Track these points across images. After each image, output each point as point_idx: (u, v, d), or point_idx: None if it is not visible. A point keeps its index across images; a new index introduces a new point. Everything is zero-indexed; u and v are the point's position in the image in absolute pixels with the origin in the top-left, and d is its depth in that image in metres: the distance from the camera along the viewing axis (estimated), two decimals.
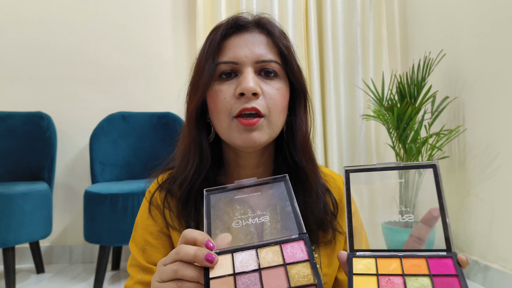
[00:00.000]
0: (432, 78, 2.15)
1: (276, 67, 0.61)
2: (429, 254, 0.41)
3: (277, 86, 0.61)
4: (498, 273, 1.71)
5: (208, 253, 0.41)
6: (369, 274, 0.41)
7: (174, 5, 2.48)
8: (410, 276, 0.40)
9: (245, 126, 0.58)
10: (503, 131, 1.71)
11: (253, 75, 0.59)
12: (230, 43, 0.61)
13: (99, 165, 2.15)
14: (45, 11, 2.39)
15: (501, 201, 1.73)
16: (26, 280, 2.02)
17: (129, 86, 2.44)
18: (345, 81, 2.47)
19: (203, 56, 0.62)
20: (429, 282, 0.39)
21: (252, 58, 0.60)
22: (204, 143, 0.63)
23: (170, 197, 0.66)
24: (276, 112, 0.60)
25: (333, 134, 2.40)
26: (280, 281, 0.39)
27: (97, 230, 1.80)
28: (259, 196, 0.50)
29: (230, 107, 0.59)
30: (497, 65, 1.73)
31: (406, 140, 1.97)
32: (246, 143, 0.58)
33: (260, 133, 0.59)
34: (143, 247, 0.64)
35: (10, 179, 2.12)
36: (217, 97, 0.60)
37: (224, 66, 0.60)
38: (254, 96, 0.58)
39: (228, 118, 0.59)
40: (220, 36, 0.61)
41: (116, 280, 2.02)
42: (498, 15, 1.72)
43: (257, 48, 0.60)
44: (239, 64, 0.60)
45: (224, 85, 0.60)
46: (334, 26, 2.45)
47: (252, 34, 0.62)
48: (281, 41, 0.63)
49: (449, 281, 0.39)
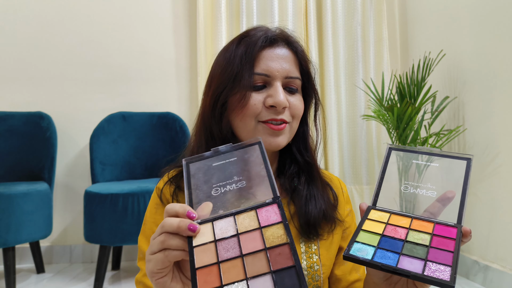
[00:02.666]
0: (432, 78, 2.15)
1: (298, 83, 0.68)
2: (439, 221, 0.48)
3: (299, 99, 0.68)
4: (498, 273, 1.71)
5: (190, 223, 0.45)
6: (380, 222, 0.47)
7: (174, 5, 2.48)
8: (414, 231, 0.46)
9: (273, 131, 0.64)
10: (503, 131, 1.71)
11: (282, 90, 0.64)
12: (263, 55, 0.66)
13: (99, 165, 2.15)
14: (45, 11, 2.39)
15: (501, 201, 1.73)
16: (26, 280, 2.02)
17: (129, 86, 2.44)
18: (345, 81, 2.47)
19: (239, 63, 0.65)
20: (428, 238, 0.45)
21: (282, 73, 0.65)
22: (217, 139, 0.67)
23: (179, 191, 0.69)
24: (296, 121, 0.68)
25: (333, 134, 2.40)
26: (256, 243, 0.44)
27: (97, 230, 1.80)
28: (235, 162, 0.53)
29: (258, 113, 0.64)
30: (497, 65, 1.73)
31: (406, 140, 1.97)
32: (272, 145, 0.65)
33: (283, 137, 0.66)
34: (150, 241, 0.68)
35: (11, 179, 2.12)
36: (248, 102, 0.64)
37: (257, 78, 0.65)
38: (283, 110, 0.65)
39: (254, 121, 0.65)
40: (259, 48, 0.66)
41: (116, 280, 2.02)
42: (498, 15, 1.72)
43: (286, 64, 0.66)
44: (270, 77, 0.65)
45: (255, 93, 0.65)
46: (334, 26, 2.45)
47: (282, 50, 0.67)
48: (303, 59, 0.70)
49: (446, 242, 0.44)
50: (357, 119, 2.43)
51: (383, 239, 0.45)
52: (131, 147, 2.27)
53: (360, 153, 2.43)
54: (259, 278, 0.41)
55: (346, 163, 2.44)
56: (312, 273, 0.65)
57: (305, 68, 0.69)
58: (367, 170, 2.42)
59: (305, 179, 0.70)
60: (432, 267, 0.42)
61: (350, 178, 2.44)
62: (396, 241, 0.45)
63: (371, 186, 2.42)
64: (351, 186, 2.44)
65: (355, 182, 2.44)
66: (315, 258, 0.66)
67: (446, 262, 0.43)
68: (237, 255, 0.43)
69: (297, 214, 0.67)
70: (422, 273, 0.41)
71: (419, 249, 0.44)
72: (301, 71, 0.69)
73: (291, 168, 0.72)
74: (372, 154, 2.41)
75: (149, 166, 2.26)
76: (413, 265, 0.42)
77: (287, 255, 0.42)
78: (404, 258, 0.43)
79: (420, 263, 0.43)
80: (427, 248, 0.44)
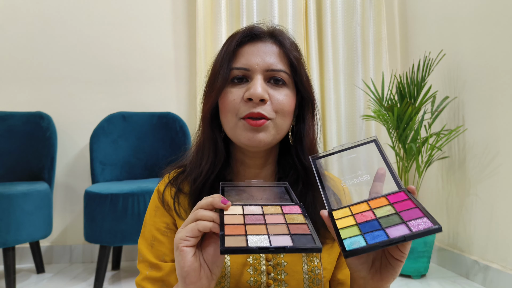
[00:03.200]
0: (432, 78, 2.15)
1: (285, 76, 0.66)
2: (386, 193, 0.54)
3: (284, 93, 0.65)
4: (498, 273, 1.71)
5: (223, 198, 0.51)
6: (346, 216, 0.52)
7: (174, 5, 2.49)
8: (377, 208, 0.52)
9: (252, 126, 0.62)
10: (503, 131, 1.71)
11: (261, 82, 0.63)
12: (244, 51, 0.66)
13: (99, 165, 2.15)
14: (45, 11, 2.39)
15: (501, 201, 1.73)
16: (26, 280, 2.02)
17: (129, 86, 2.44)
18: (345, 81, 2.47)
19: (219, 61, 0.67)
20: (391, 208, 0.51)
21: (263, 66, 0.64)
22: (219, 140, 0.68)
23: (180, 193, 0.69)
24: (282, 116, 0.65)
25: (333, 134, 2.40)
26: (278, 219, 0.52)
27: (97, 230, 1.80)
28: (262, 190, 0.61)
29: (238, 109, 0.63)
30: (497, 65, 1.74)
31: (406, 140, 1.97)
32: (251, 142, 0.63)
33: (265, 133, 0.63)
34: (151, 242, 0.67)
35: (10, 179, 2.12)
36: (227, 98, 0.64)
37: (237, 72, 0.65)
38: (261, 102, 0.62)
39: (235, 118, 0.64)
40: (235, 43, 0.66)
41: (116, 280, 2.02)
42: (498, 15, 1.72)
43: (268, 57, 0.65)
44: (250, 70, 0.64)
45: (235, 88, 0.65)
46: (334, 26, 2.45)
47: (265, 44, 0.67)
48: (292, 53, 0.67)
49: (405, 204, 0.51)
50: (356, 119, 2.43)
51: (361, 226, 0.50)
52: (131, 147, 2.27)
53: None
54: (279, 236, 0.48)
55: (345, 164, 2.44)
56: (313, 277, 0.65)
57: (293, 62, 0.67)
58: None
59: (304, 184, 0.68)
60: (414, 223, 0.47)
61: None
62: (371, 222, 0.50)
63: None
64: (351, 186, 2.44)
65: None
66: (316, 261, 0.66)
67: (419, 215, 0.48)
68: (261, 222, 0.51)
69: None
70: (412, 231, 0.45)
71: (393, 218, 0.49)
72: (291, 64, 0.67)
73: (290, 174, 0.70)
74: None
75: (149, 166, 2.26)
76: (400, 231, 0.46)
77: (305, 229, 0.50)
78: (389, 229, 0.47)
79: (403, 226, 0.47)
80: (397, 215, 0.49)
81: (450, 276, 1.97)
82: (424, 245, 1.91)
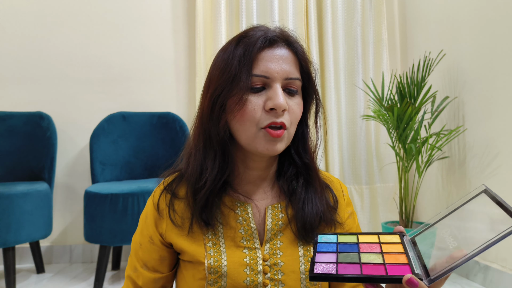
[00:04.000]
0: (432, 78, 2.15)
1: (298, 84, 0.67)
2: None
3: (297, 102, 0.66)
4: (498, 273, 1.71)
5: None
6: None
7: (174, 5, 2.49)
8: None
9: (273, 138, 0.62)
10: (503, 131, 1.71)
11: (282, 92, 0.63)
12: (262, 56, 0.64)
13: (99, 165, 2.15)
14: (45, 11, 2.39)
15: None
16: (26, 280, 2.02)
17: (129, 86, 2.44)
18: (345, 81, 2.47)
19: (237, 64, 0.63)
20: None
21: (282, 74, 0.64)
22: (229, 145, 0.67)
23: (174, 199, 0.69)
24: (294, 125, 0.67)
25: (333, 134, 2.40)
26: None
27: (97, 230, 1.80)
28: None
29: (258, 118, 0.63)
30: (497, 65, 1.74)
31: (406, 140, 1.97)
32: (270, 151, 0.64)
33: (282, 143, 0.64)
34: (140, 244, 0.72)
35: (11, 179, 2.12)
36: (247, 107, 0.63)
37: (256, 79, 0.63)
38: (282, 112, 0.63)
39: (255, 128, 0.63)
40: (258, 49, 0.64)
41: (116, 280, 2.02)
42: (498, 15, 1.72)
43: (285, 65, 0.64)
44: (269, 78, 0.63)
45: (254, 96, 0.63)
46: (334, 26, 2.45)
47: (281, 50, 0.66)
48: (304, 59, 0.68)
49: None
50: (356, 119, 2.43)
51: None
52: (131, 147, 2.27)
53: (360, 153, 2.43)
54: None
55: (345, 163, 2.44)
56: None
57: (305, 69, 0.68)
58: (366, 170, 2.43)
59: (303, 181, 0.70)
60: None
61: (350, 178, 2.44)
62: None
63: (371, 186, 2.42)
64: (351, 186, 2.44)
65: (355, 182, 2.44)
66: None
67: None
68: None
69: (294, 217, 0.67)
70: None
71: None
72: (301, 71, 0.68)
73: (290, 170, 0.71)
74: (372, 154, 2.41)
75: (149, 166, 2.26)
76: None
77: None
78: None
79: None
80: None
81: (450, 276, 1.97)
82: None
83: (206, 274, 0.63)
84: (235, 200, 0.69)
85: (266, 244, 0.66)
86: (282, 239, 0.67)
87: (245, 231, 0.66)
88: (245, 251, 0.65)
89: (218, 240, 0.66)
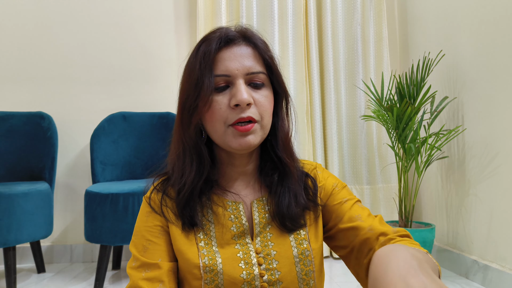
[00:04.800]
0: (432, 78, 2.16)
1: (263, 77, 0.68)
2: None
3: (265, 94, 0.68)
4: (498, 272, 1.71)
5: None
6: None
7: (174, 6, 2.49)
8: None
9: (241, 132, 0.64)
10: (502, 131, 1.71)
11: (245, 87, 0.65)
12: (221, 57, 0.67)
13: (99, 165, 2.16)
14: (45, 11, 2.40)
15: (500, 200, 1.73)
16: (27, 280, 2.03)
17: (130, 86, 2.44)
18: (345, 81, 2.48)
19: (198, 68, 0.66)
20: None
21: (243, 70, 0.66)
22: (203, 147, 0.69)
23: (166, 197, 0.71)
24: (267, 117, 0.68)
25: (333, 134, 2.41)
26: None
27: (98, 229, 1.80)
28: None
29: (226, 117, 0.65)
30: (496, 65, 1.74)
31: (405, 140, 1.98)
32: (242, 146, 0.65)
33: (254, 136, 0.66)
34: (144, 247, 0.67)
35: (11, 179, 2.13)
36: (213, 107, 0.65)
37: (218, 79, 0.65)
38: (247, 106, 0.65)
39: (224, 126, 0.66)
40: (214, 51, 0.66)
41: (117, 279, 2.03)
42: (497, 15, 1.73)
43: (246, 60, 0.66)
44: (231, 76, 0.65)
45: (219, 96, 0.66)
46: (334, 26, 2.46)
47: (240, 47, 0.68)
48: (266, 53, 0.69)
49: None
50: (357, 119, 2.43)
51: None
52: (132, 147, 2.27)
53: (360, 153, 2.43)
54: None
55: (346, 163, 2.45)
56: (303, 259, 0.67)
57: (268, 62, 0.69)
58: (367, 170, 2.43)
59: (279, 174, 0.72)
60: None
61: (350, 178, 2.45)
62: None
63: (371, 186, 2.42)
64: (351, 186, 2.45)
65: (356, 182, 2.44)
66: (305, 244, 0.68)
67: None
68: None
69: (275, 213, 0.69)
70: None
71: None
72: (266, 65, 0.69)
73: (267, 165, 0.73)
74: (373, 154, 2.42)
75: (149, 166, 2.26)
76: None
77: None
78: None
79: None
80: None
81: (450, 275, 1.98)
82: (424, 244, 1.91)
83: (201, 274, 0.63)
84: (226, 200, 0.71)
85: (257, 238, 0.68)
86: (271, 231, 0.69)
87: (237, 228, 0.68)
88: (237, 246, 0.67)
89: (210, 240, 0.67)
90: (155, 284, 0.64)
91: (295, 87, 2.41)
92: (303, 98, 2.38)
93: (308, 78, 2.43)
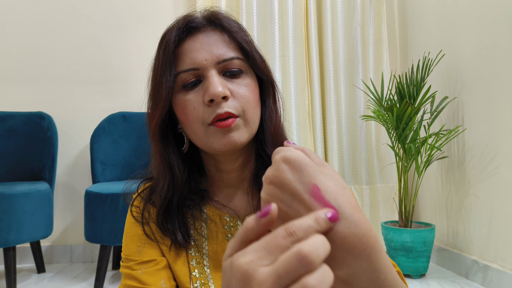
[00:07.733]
0: (431, 79, 2.16)
1: (239, 63, 0.58)
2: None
3: (245, 83, 0.58)
4: (497, 272, 1.71)
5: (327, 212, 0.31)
6: None
7: (174, 5, 2.49)
8: None
9: (223, 129, 0.55)
10: (502, 131, 1.71)
11: (218, 78, 0.56)
12: (185, 49, 0.58)
13: (99, 165, 2.16)
14: (45, 11, 2.40)
15: (500, 201, 1.73)
16: (27, 280, 2.03)
17: (130, 86, 2.44)
18: (345, 81, 2.48)
19: (159, 67, 0.58)
20: None
21: (212, 60, 0.56)
22: (174, 159, 0.60)
23: (151, 206, 0.63)
24: (250, 109, 0.58)
25: (333, 134, 2.41)
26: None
27: (98, 229, 1.80)
28: None
29: (202, 116, 0.56)
30: (496, 65, 1.74)
31: (405, 140, 1.98)
32: (227, 145, 0.56)
33: (238, 132, 0.56)
34: (138, 249, 0.62)
35: (11, 179, 2.13)
36: (186, 107, 0.57)
37: (186, 75, 0.57)
38: (224, 100, 0.55)
39: (203, 127, 0.57)
40: (173, 43, 0.58)
41: (117, 279, 2.02)
42: (497, 15, 1.73)
43: (214, 48, 0.57)
44: (200, 69, 0.56)
45: (191, 94, 0.57)
46: (334, 26, 2.46)
47: (206, 34, 0.58)
48: (239, 35, 0.59)
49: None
50: (356, 119, 2.44)
51: None
52: (132, 147, 2.27)
53: (360, 153, 2.43)
54: None
55: (345, 163, 2.45)
56: None
57: (243, 45, 0.59)
58: (366, 170, 2.43)
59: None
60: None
61: (350, 178, 2.45)
62: None
63: (371, 186, 2.42)
64: (351, 186, 2.45)
65: (355, 182, 2.44)
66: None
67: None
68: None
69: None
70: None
71: None
72: (241, 48, 0.59)
73: (256, 164, 0.63)
74: (372, 154, 2.42)
75: (149, 166, 2.26)
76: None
77: None
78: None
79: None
80: None
81: (450, 275, 1.98)
82: (424, 244, 1.91)
83: None
84: (223, 214, 0.63)
85: None
86: None
87: None
88: None
89: (202, 258, 0.61)
90: (157, 276, 0.59)
91: (296, 87, 2.41)
92: (305, 98, 2.38)
93: (308, 78, 2.43)
